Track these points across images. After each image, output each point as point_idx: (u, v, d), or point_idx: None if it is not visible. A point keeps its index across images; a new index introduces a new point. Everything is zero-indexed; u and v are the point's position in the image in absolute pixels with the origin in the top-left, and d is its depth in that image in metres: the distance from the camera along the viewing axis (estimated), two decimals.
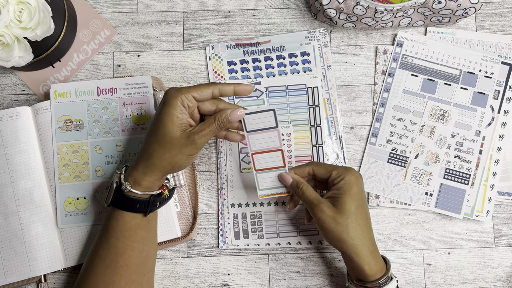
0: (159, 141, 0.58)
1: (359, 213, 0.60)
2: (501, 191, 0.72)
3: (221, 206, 0.72)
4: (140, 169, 0.59)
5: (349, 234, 0.59)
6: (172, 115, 0.57)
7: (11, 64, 0.65)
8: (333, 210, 0.59)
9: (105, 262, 0.60)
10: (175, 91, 0.58)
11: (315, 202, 0.60)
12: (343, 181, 0.60)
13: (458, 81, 0.74)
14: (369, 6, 0.67)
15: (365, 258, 0.59)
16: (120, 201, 0.59)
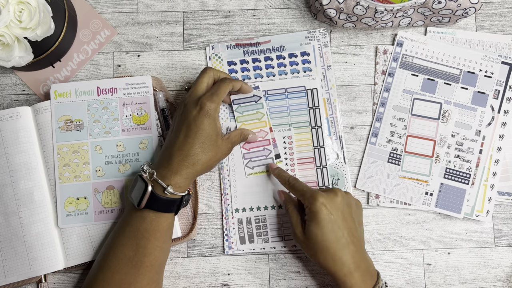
0: (206, 151, 0.63)
1: (328, 239, 0.60)
2: (501, 191, 0.72)
3: (225, 211, 0.72)
4: (182, 172, 0.62)
5: (320, 260, 0.61)
6: (216, 126, 0.63)
7: (11, 64, 0.65)
8: (304, 237, 0.62)
9: (131, 262, 0.60)
10: (211, 102, 0.63)
11: (294, 225, 0.64)
12: (308, 209, 0.62)
13: (458, 80, 0.74)
14: (369, 6, 0.67)
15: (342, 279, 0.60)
16: (156, 203, 0.61)
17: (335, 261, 0.60)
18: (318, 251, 0.60)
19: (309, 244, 0.61)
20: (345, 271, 0.60)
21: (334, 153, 0.73)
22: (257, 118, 0.72)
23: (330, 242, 0.60)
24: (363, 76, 0.75)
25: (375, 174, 0.73)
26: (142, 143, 0.70)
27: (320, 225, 0.60)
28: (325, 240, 0.60)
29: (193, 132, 0.62)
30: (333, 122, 0.74)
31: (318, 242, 0.60)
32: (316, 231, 0.60)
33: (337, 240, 0.60)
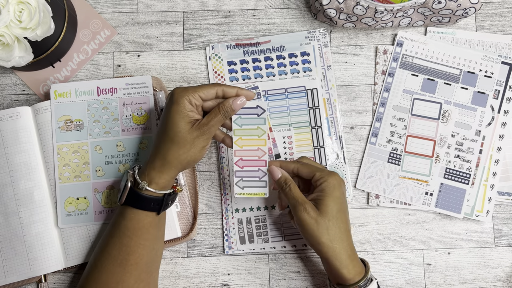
0: (173, 139, 0.59)
1: (340, 216, 0.60)
2: (501, 191, 0.72)
3: (225, 211, 0.72)
4: (157, 168, 0.60)
5: (329, 236, 0.59)
6: (182, 113, 0.59)
7: (11, 64, 0.65)
8: (316, 212, 0.59)
9: (116, 260, 0.60)
10: (182, 90, 0.59)
11: (300, 201, 0.60)
12: (326, 183, 0.61)
13: (458, 80, 0.74)
14: (369, 6, 0.67)
15: (343, 261, 0.59)
16: (134, 200, 0.60)
17: (343, 240, 0.60)
18: (330, 227, 0.59)
19: (322, 220, 0.59)
20: (350, 252, 0.60)
21: (334, 153, 0.73)
22: (256, 135, 0.64)
23: (343, 220, 0.60)
24: (363, 76, 0.75)
25: (375, 174, 0.73)
26: (142, 143, 0.70)
27: (336, 201, 0.60)
28: (339, 218, 0.60)
29: (162, 123, 0.61)
30: (333, 122, 0.74)
31: (333, 218, 0.59)
32: (332, 205, 0.59)
33: (346, 220, 0.61)
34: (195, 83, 0.75)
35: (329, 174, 0.61)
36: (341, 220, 0.60)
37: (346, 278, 0.59)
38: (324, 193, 0.60)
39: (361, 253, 0.72)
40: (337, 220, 0.60)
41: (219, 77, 0.74)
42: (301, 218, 0.59)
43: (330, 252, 0.59)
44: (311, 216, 0.59)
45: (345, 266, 0.59)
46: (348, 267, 0.59)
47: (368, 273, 0.60)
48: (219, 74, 0.75)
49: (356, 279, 0.59)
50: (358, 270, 0.60)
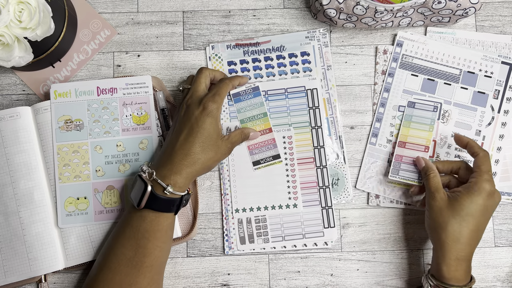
0: (206, 150, 0.63)
1: (467, 220, 0.60)
2: (501, 191, 0.72)
3: (225, 211, 0.72)
4: (182, 172, 0.62)
5: (445, 230, 0.61)
6: (217, 127, 0.65)
7: (11, 64, 0.65)
8: (445, 203, 0.62)
9: (131, 262, 0.60)
10: (213, 102, 0.64)
11: (432, 190, 0.63)
12: (475, 185, 0.61)
13: (458, 80, 0.74)
14: (369, 6, 0.67)
15: (447, 259, 0.60)
16: (155, 203, 0.61)
17: (458, 241, 0.60)
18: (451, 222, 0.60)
19: (447, 213, 0.61)
20: (460, 256, 0.60)
21: (334, 153, 0.73)
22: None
23: (470, 224, 0.60)
24: (363, 76, 0.75)
25: (375, 174, 0.73)
26: (142, 143, 0.70)
27: (473, 204, 0.60)
28: (466, 220, 0.60)
29: (194, 132, 0.63)
30: (333, 122, 0.74)
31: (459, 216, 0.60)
32: (466, 206, 0.60)
33: (476, 229, 0.61)
34: None
35: (484, 180, 0.61)
36: (467, 223, 0.60)
37: (443, 275, 0.60)
38: (466, 191, 0.61)
39: (361, 253, 0.72)
40: (462, 221, 0.60)
41: None
42: (428, 204, 0.63)
43: (441, 244, 0.61)
44: (437, 205, 0.62)
45: (447, 264, 0.60)
46: (450, 267, 0.60)
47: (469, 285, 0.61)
48: None
49: (451, 282, 0.60)
50: (459, 276, 0.61)
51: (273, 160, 0.72)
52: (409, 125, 0.73)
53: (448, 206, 0.61)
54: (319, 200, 0.72)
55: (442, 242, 0.61)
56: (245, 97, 0.73)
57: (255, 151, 0.72)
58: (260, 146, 0.72)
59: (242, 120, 0.73)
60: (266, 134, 0.73)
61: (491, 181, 0.62)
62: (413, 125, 0.73)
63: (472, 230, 0.61)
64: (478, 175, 0.62)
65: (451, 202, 0.61)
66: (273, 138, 0.72)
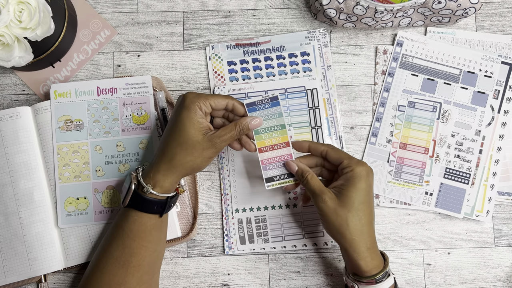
0: (182, 144, 0.59)
1: (362, 208, 0.59)
2: (501, 191, 0.72)
3: (225, 211, 0.72)
4: (162, 171, 0.60)
5: (348, 227, 0.58)
6: (193, 119, 0.59)
7: (11, 64, 0.65)
8: (335, 202, 0.59)
9: (118, 262, 0.60)
10: (194, 96, 0.60)
11: (318, 192, 0.60)
12: (352, 173, 0.60)
13: (458, 80, 0.74)
14: (369, 6, 0.67)
15: (361, 253, 0.58)
16: (138, 202, 0.60)
17: (363, 233, 0.59)
18: (350, 218, 0.58)
19: (342, 211, 0.58)
20: (369, 245, 0.59)
21: None
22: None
23: (366, 212, 0.59)
24: (363, 76, 0.75)
25: (375, 174, 0.73)
26: (142, 143, 0.70)
27: (360, 192, 0.59)
28: (360, 210, 0.59)
29: (172, 127, 0.61)
30: (333, 122, 0.74)
31: (354, 209, 0.58)
32: (355, 196, 0.58)
33: (370, 212, 0.60)
34: (195, 83, 0.75)
35: (357, 164, 0.60)
36: (363, 212, 0.59)
37: (363, 270, 0.59)
38: (348, 182, 0.59)
39: None
40: (358, 211, 0.58)
41: (219, 77, 0.74)
42: (319, 208, 0.60)
43: (349, 243, 0.59)
44: (329, 206, 0.59)
45: (363, 258, 0.58)
46: (366, 259, 0.59)
47: (386, 267, 0.60)
48: (219, 74, 0.75)
49: (374, 272, 0.59)
50: (376, 263, 0.59)
51: (288, 178, 0.64)
52: (409, 125, 0.73)
53: (339, 203, 0.59)
54: None
55: (350, 240, 0.58)
56: (261, 107, 0.64)
57: (269, 166, 0.64)
58: (275, 161, 0.64)
59: (256, 131, 0.64)
60: (283, 149, 0.64)
61: (360, 161, 0.61)
62: (413, 126, 0.73)
63: (369, 215, 0.60)
64: (347, 164, 0.60)
65: (340, 198, 0.59)
66: (290, 154, 0.64)
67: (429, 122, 0.73)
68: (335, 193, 0.60)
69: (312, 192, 0.60)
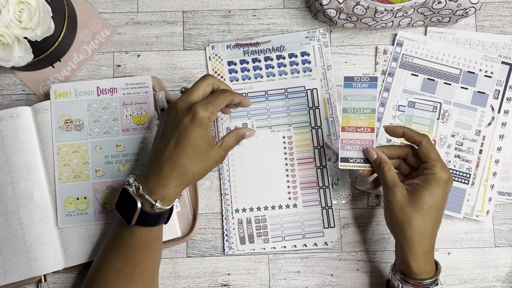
0: (195, 161, 0.59)
1: (430, 213, 0.58)
2: (501, 191, 0.72)
3: (225, 211, 0.72)
4: (172, 187, 0.59)
5: (410, 227, 0.58)
6: (207, 136, 0.60)
7: (11, 64, 0.65)
8: (405, 199, 0.59)
9: (121, 273, 0.60)
10: (204, 110, 0.59)
11: (391, 185, 0.60)
12: (432, 176, 0.59)
13: (458, 80, 0.74)
14: (369, 6, 0.67)
15: (416, 255, 0.59)
16: (145, 219, 0.59)
17: (424, 236, 0.58)
18: (415, 218, 0.58)
19: (409, 209, 0.58)
20: (426, 250, 0.59)
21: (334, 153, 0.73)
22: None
23: (433, 217, 0.59)
24: None
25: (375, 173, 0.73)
26: (142, 143, 0.70)
27: (434, 197, 0.58)
28: (428, 213, 0.58)
29: (182, 141, 0.59)
30: (333, 122, 0.74)
31: (422, 211, 0.58)
32: (428, 199, 0.58)
33: (437, 219, 0.59)
34: None
35: (441, 169, 0.59)
36: (430, 216, 0.59)
37: (413, 272, 0.59)
38: (425, 184, 0.59)
39: (361, 253, 0.72)
40: (425, 215, 0.58)
41: (219, 77, 0.74)
42: (388, 200, 0.60)
43: (407, 242, 0.59)
44: (398, 201, 0.59)
45: (416, 260, 0.59)
46: (419, 262, 0.59)
47: (437, 275, 0.60)
48: (219, 74, 0.75)
49: (422, 276, 0.59)
50: (428, 269, 0.59)
51: (364, 163, 0.64)
52: (409, 125, 0.73)
53: (409, 201, 0.59)
54: (319, 200, 0.72)
55: (408, 239, 0.58)
56: (358, 85, 0.63)
57: (347, 147, 0.64)
58: (355, 143, 0.64)
59: (345, 109, 0.63)
60: (366, 133, 0.64)
61: (445, 167, 0.60)
62: (413, 126, 0.72)
63: (435, 221, 0.59)
64: (432, 165, 0.60)
65: (412, 196, 0.59)
66: (372, 140, 0.64)
67: (429, 122, 0.73)
68: (408, 190, 0.60)
69: (385, 183, 0.61)
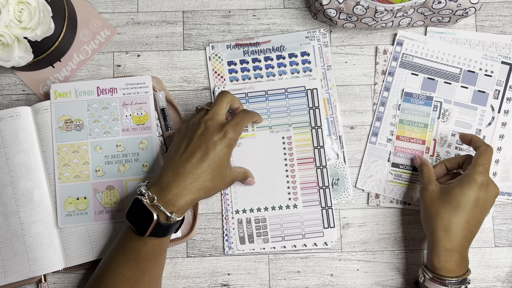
0: (215, 179, 0.61)
1: (457, 211, 0.60)
2: (501, 191, 0.72)
3: (225, 211, 0.72)
4: (189, 200, 0.60)
5: (436, 219, 0.61)
6: (229, 157, 0.64)
7: (11, 64, 0.65)
8: (436, 194, 0.63)
9: (130, 281, 0.59)
10: (235, 133, 0.62)
11: (426, 181, 0.65)
12: (467, 176, 0.61)
13: (458, 79, 0.74)
14: (369, 6, 0.67)
15: (436, 249, 0.61)
16: (160, 230, 0.59)
17: (447, 232, 0.60)
18: (441, 214, 0.61)
19: (438, 203, 0.62)
20: (449, 247, 0.60)
21: (334, 153, 0.73)
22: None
23: (461, 217, 0.60)
24: (363, 76, 0.75)
25: (375, 173, 0.73)
26: (142, 143, 0.70)
27: (463, 196, 0.60)
28: (455, 211, 0.60)
29: (209, 157, 0.60)
30: (333, 122, 0.74)
31: (449, 208, 0.61)
32: (457, 196, 0.61)
33: (467, 220, 0.61)
34: (195, 83, 0.75)
35: (479, 173, 0.61)
36: (457, 213, 0.60)
37: (433, 265, 0.61)
38: (457, 182, 0.62)
39: (361, 253, 0.72)
40: (451, 211, 0.61)
41: (219, 77, 0.74)
42: (422, 196, 0.65)
43: (432, 234, 0.62)
44: (428, 196, 0.63)
45: (437, 255, 0.61)
46: (440, 257, 0.60)
47: (462, 277, 0.61)
48: (219, 74, 0.75)
49: (442, 273, 0.60)
50: (451, 267, 0.60)
51: (411, 170, 0.72)
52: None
53: (439, 196, 0.62)
54: (319, 200, 0.72)
55: (433, 232, 0.61)
56: (416, 101, 0.73)
57: (399, 154, 0.73)
58: (407, 152, 0.72)
59: (401, 121, 0.73)
60: (418, 144, 0.72)
61: (484, 173, 0.61)
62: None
63: (463, 221, 0.60)
64: (472, 167, 0.62)
65: (443, 193, 0.62)
66: (422, 151, 0.72)
67: (430, 121, 0.73)
68: (442, 188, 0.64)
69: (422, 183, 0.66)
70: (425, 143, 0.72)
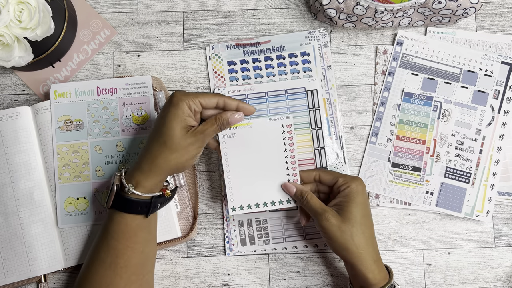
0: (166, 142, 0.58)
1: (364, 222, 0.60)
2: (501, 191, 0.72)
3: (225, 212, 0.72)
4: (144, 171, 0.59)
5: (354, 242, 0.59)
6: (180, 117, 0.58)
7: (11, 64, 0.65)
8: (338, 219, 0.60)
9: (105, 263, 0.60)
10: (183, 94, 0.59)
11: (320, 211, 0.60)
12: (349, 189, 0.61)
13: (458, 79, 0.74)
14: (369, 6, 0.67)
15: (369, 266, 0.59)
16: (121, 203, 0.59)
17: (368, 245, 0.60)
18: (355, 233, 0.59)
19: (346, 226, 0.59)
20: (375, 258, 0.60)
21: (334, 153, 0.73)
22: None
23: (368, 226, 0.61)
24: (363, 76, 0.75)
25: (375, 173, 0.73)
26: (142, 143, 0.70)
27: (360, 206, 0.60)
28: (363, 224, 0.60)
29: (155, 127, 0.60)
30: (333, 122, 0.74)
31: (357, 224, 0.60)
32: (356, 211, 0.60)
33: (371, 225, 0.62)
34: (195, 83, 0.75)
35: (352, 179, 0.62)
36: (365, 225, 0.60)
37: (371, 283, 0.59)
38: (347, 198, 0.61)
39: None
40: (361, 226, 0.60)
41: (219, 77, 0.74)
42: (323, 226, 0.60)
43: (356, 258, 0.60)
44: (333, 224, 0.59)
45: (371, 271, 0.59)
46: (374, 272, 0.60)
47: (391, 279, 0.61)
48: (219, 74, 0.75)
49: (381, 284, 0.60)
50: (383, 275, 0.60)
51: (412, 171, 0.72)
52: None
53: (342, 220, 0.59)
54: None
55: (356, 254, 0.59)
56: (416, 101, 0.73)
57: (399, 154, 0.72)
58: (407, 152, 0.72)
59: (401, 120, 0.73)
60: (418, 144, 0.72)
61: (354, 176, 0.63)
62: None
63: (371, 227, 0.62)
64: (343, 181, 0.62)
65: (343, 214, 0.60)
66: (422, 151, 0.72)
67: (430, 121, 0.73)
68: (336, 210, 0.61)
69: (314, 212, 0.61)
70: (425, 143, 0.72)
